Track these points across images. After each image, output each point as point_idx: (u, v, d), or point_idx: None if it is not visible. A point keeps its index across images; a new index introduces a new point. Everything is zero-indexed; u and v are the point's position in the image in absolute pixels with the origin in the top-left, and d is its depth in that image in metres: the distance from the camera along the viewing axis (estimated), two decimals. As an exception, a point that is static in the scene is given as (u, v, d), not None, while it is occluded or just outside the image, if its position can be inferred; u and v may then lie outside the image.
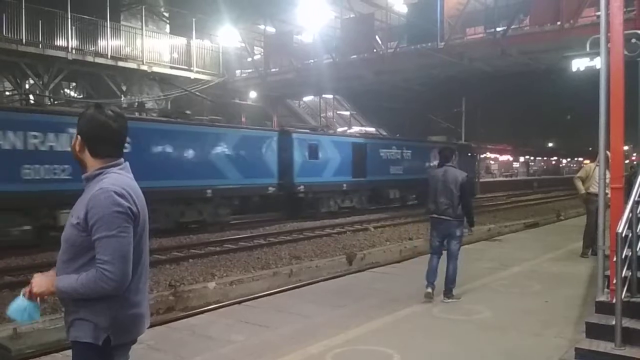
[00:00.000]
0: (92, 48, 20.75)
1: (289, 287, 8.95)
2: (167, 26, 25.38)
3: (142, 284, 2.32)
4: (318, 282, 8.92)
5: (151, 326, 5.60)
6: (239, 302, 7.41)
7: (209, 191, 15.86)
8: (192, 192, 15.53)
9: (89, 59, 20.51)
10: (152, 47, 23.16)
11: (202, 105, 26.19)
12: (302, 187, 19.28)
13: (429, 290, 6.42)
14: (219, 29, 26.17)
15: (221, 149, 16.68)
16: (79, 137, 2.27)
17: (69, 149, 2.45)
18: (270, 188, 18.03)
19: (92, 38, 20.80)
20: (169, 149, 15.13)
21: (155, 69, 23.10)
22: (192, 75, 24.53)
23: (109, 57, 21.09)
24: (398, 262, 10.51)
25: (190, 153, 15.72)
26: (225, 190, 16.41)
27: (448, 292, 6.49)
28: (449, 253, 6.55)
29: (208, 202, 16.10)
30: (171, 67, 23.87)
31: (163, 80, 24.36)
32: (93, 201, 2.13)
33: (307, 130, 22.17)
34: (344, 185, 21.07)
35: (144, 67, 22.51)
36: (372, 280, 7.95)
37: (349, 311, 6.11)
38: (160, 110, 19.82)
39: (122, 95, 23.41)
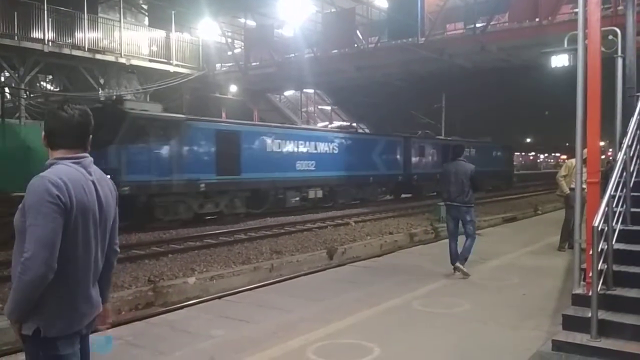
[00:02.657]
0: (69, 40, 20.39)
1: (270, 281, 8.95)
2: (146, 19, 25.07)
3: (84, 278, 2.29)
4: (299, 276, 8.92)
5: (129, 322, 5.60)
6: (220, 297, 7.38)
7: (371, 178, 24.00)
8: (362, 179, 23.40)
9: (66, 51, 20.15)
10: (130, 39, 22.83)
11: (181, 99, 25.93)
12: (415, 176, 26.74)
13: (456, 273, 7.45)
14: (198, 22, 25.92)
15: (376, 150, 24.73)
16: (46, 132, 2.35)
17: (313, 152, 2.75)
18: (399, 177, 26.07)
19: (69, 30, 20.44)
20: (352, 151, 22.88)
21: (134, 62, 22.79)
22: (172, 69, 24.25)
23: (86, 49, 20.75)
24: (378, 256, 10.55)
25: (360, 153, 23.45)
26: (378, 176, 24.50)
27: (462, 261, 7.45)
28: (466, 234, 7.57)
29: (369, 185, 24.14)
30: (150, 60, 23.57)
31: (142, 73, 24.06)
32: (29, 188, 2.17)
33: (418, 135, 28.72)
34: (438, 175, 23.51)
35: (122, 60, 22.20)
36: (353, 275, 7.98)
37: (329, 305, 6.12)
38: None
39: (100, 89, 23.06)
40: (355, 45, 22.86)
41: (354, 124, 30.10)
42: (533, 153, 78.51)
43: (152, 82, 24.10)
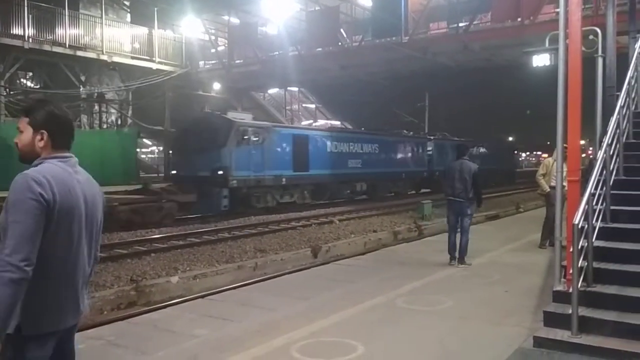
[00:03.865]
0: (50, 37, 20.11)
1: (254, 280, 8.91)
2: (128, 15, 24.78)
3: (67, 278, 2.27)
4: (283, 275, 8.91)
5: (111, 321, 5.54)
6: (203, 296, 7.33)
7: (403, 174, 27.21)
8: (396, 175, 26.77)
9: (46, 48, 19.87)
10: (112, 36, 22.58)
11: (164, 96, 25.72)
12: (437, 172, 26.81)
13: (452, 262, 8.02)
14: (181, 19, 25.73)
15: (407, 149, 28.10)
16: (43, 131, 2.31)
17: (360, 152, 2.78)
18: (424, 172, 28.81)
19: (50, 26, 20.15)
20: (388, 150, 26.47)
21: (116, 59, 22.53)
22: (154, 66, 24.04)
23: (67, 46, 20.48)
24: (362, 254, 10.57)
25: (395, 152, 27.07)
26: (408, 172, 27.64)
27: (461, 260, 7.98)
28: (462, 228, 8.01)
29: (401, 180, 27.37)
30: (132, 57, 23.33)
31: (124, 70, 23.82)
32: (12, 185, 2.16)
33: (438, 137, 31.95)
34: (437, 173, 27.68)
35: (104, 57, 21.94)
36: (337, 273, 7.99)
37: (313, 303, 6.12)
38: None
39: (81, 86, 22.78)
40: (340, 43, 22.87)
41: (338, 122, 30.23)
42: (515, 152, 79.29)
43: (134, 80, 23.88)
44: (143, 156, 45.87)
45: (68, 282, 2.28)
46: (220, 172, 17.17)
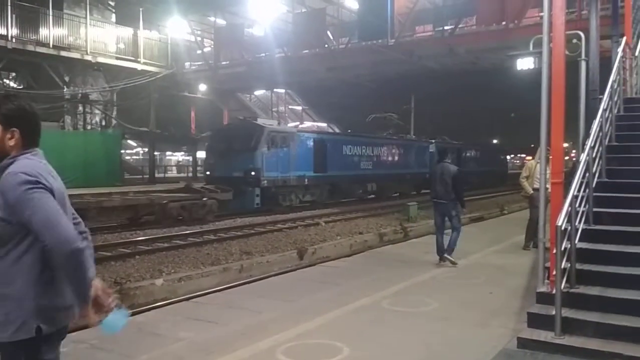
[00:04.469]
0: (33, 37, 19.88)
1: (240, 282, 8.89)
2: (113, 15, 24.60)
3: None
4: (269, 277, 8.88)
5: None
6: (188, 299, 7.29)
7: (408, 175, 28.54)
8: (402, 176, 28.11)
9: (30, 48, 19.64)
10: (96, 36, 22.39)
11: (149, 97, 25.56)
12: None
13: (441, 263, 8.15)
14: (167, 20, 25.59)
15: (411, 152, 29.50)
16: (15, 129, 2.24)
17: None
18: (427, 174, 27.47)
19: (34, 26, 19.94)
20: (395, 153, 28.13)
21: (100, 59, 22.35)
22: (139, 67, 23.88)
23: (51, 46, 20.27)
24: (348, 256, 10.59)
25: (400, 155, 28.47)
26: (412, 174, 28.73)
27: (449, 251, 8.15)
28: (453, 227, 8.26)
29: (406, 181, 28.54)
30: (117, 58, 23.15)
31: (108, 71, 23.62)
32: (4, 188, 2.12)
33: (439, 140, 32.60)
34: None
35: (88, 57, 21.74)
36: (323, 275, 7.98)
37: (299, 306, 6.11)
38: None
39: (65, 86, 22.56)
40: (326, 45, 22.91)
41: (325, 125, 30.29)
42: (506, 155, 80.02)
43: (119, 81, 23.69)
44: (128, 157, 45.53)
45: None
46: (253, 173, 18.98)
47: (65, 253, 2.07)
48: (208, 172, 21.01)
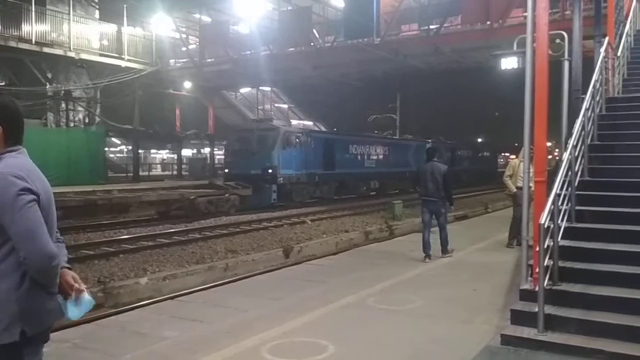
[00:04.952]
0: (16, 33, 19.57)
1: (225, 281, 8.86)
2: (97, 12, 24.33)
3: None
4: (254, 275, 8.87)
5: (78, 324, 5.42)
6: (173, 298, 7.25)
7: (407, 174, 27.49)
8: (401, 174, 28.45)
9: (12, 44, 19.34)
10: (80, 33, 22.11)
11: (133, 95, 25.33)
12: None
13: (427, 260, 8.34)
14: (151, 17, 25.36)
15: (410, 152, 30.31)
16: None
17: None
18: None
19: (16, 22, 19.63)
20: (395, 153, 29.44)
21: (84, 56, 22.08)
22: (123, 64, 23.64)
23: (33, 42, 19.97)
24: (334, 254, 10.60)
25: (400, 154, 29.66)
26: (411, 172, 25.39)
27: (444, 251, 8.54)
28: (439, 225, 8.52)
29: (405, 179, 27.69)
30: (100, 55, 22.90)
31: (92, 68, 23.36)
32: None
33: (435, 140, 32.90)
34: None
35: (71, 54, 21.47)
36: (308, 273, 7.98)
37: (285, 304, 6.10)
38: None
39: (48, 83, 22.28)
40: (312, 44, 22.88)
41: (310, 123, 30.33)
42: (496, 154, 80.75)
43: (103, 78, 23.45)
44: (111, 155, 45.09)
45: None
46: (270, 171, 20.34)
47: (40, 268, 2.09)
48: (227, 170, 22.45)
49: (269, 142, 20.88)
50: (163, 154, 54.24)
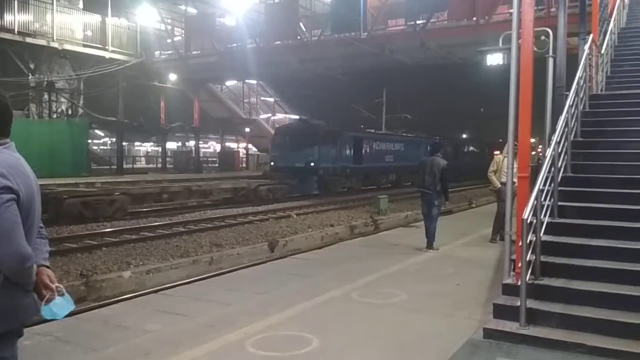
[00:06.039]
0: (-3, 22, 19.26)
1: (209, 275, 8.83)
2: (81, 2, 24.00)
3: None
4: (239, 269, 8.84)
5: (60, 317, 5.33)
6: (156, 291, 7.21)
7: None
8: (414, 168, 29.99)
9: (-7, 33, 19.04)
10: (63, 23, 21.82)
11: (117, 86, 25.06)
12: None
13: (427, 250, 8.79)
14: (136, 7, 25.09)
15: (421, 148, 30.95)
16: None
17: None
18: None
19: (-3, 12, 19.31)
20: (409, 149, 31.37)
21: (67, 46, 21.80)
22: (107, 55, 23.39)
23: (15, 32, 19.69)
24: (319, 248, 10.62)
25: (413, 150, 31.01)
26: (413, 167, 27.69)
27: (429, 245, 8.85)
28: (430, 217, 8.86)
29: (415, 173, 27.15)
30: (84, 46, 22.63)
31: (75, 58, 23.05)
32: None
33: (442, 138, 33.96)
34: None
35: (54, 45, 21.19)
36: (294, 267, 7.98)
37: (269, 298, 6.10)
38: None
39: (30, 74, 21.96)
40: (299, 37, 22.80)
41: (297, 117, 30.31)
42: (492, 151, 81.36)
43: (86, 69, 23.16)
44: (95, 148, 44.61)
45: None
46: (312, 164, 23.25)
47: (14, 269, 2.07)
48: (272, 163, 25.11)
49: (310, 139, 23.65)
50: (147, 147, 53.82)
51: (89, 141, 30.14)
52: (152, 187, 18.56)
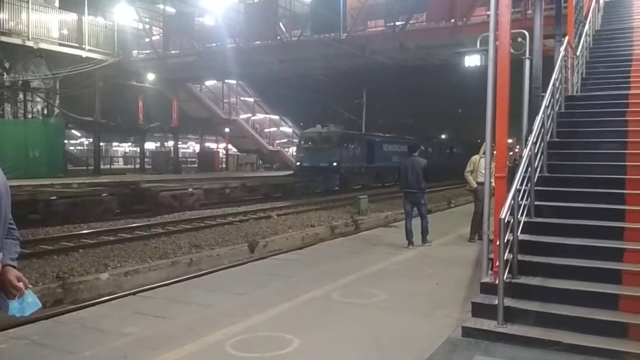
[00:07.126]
0: (-30, 20, 18.86)
1: (189, 276, 8.75)
2: (57, 0, 23.61)
3: None
4: (219, 270, 8.79)
5: (35, 320, 5.28)
6: (134, 293, 7.13)
7: None
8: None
9: (-34, 31, 18.64)
10: (39, 21, 21.45)
11: (94, 86, 24.72)
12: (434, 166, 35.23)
13: (410, 247, 9.04)
14: (114, 6, 24.77)
15: (427, 148, 30.49)
16: None
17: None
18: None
19: (-30, 9, 18.91)
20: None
21: (43, 45, 21.43)
22: (84, 54, 23.05)
23: (-11, 30, 19.28)
24: (300, 248, 10.61)
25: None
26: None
27: (424, 240, 9.16)
28: (420, 215, 9.18)
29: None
30: (60, 44, 22.27)
31: (51, 58, 22.67)
32: None
33: (436, 139, 38.60)
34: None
35: (30, 43, 20.81)
36: (274, 267, 7.96)
37: (249, 299, 6.07)
38: None
39: (5, 73, 21.55)
40: (279, 37, 22.74)
41: (277, 117, 30.30)
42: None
43: (63, 68, 22.79)
44: (71, 148, 43.92)
45: None
46: (335, 164, 26.74)
47: None
48: (298, 163, 28.50)
49: (333, 141, 27.39)
50: (125, 147, 53.18)
51: (65, 141, 29.67)
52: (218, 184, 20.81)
